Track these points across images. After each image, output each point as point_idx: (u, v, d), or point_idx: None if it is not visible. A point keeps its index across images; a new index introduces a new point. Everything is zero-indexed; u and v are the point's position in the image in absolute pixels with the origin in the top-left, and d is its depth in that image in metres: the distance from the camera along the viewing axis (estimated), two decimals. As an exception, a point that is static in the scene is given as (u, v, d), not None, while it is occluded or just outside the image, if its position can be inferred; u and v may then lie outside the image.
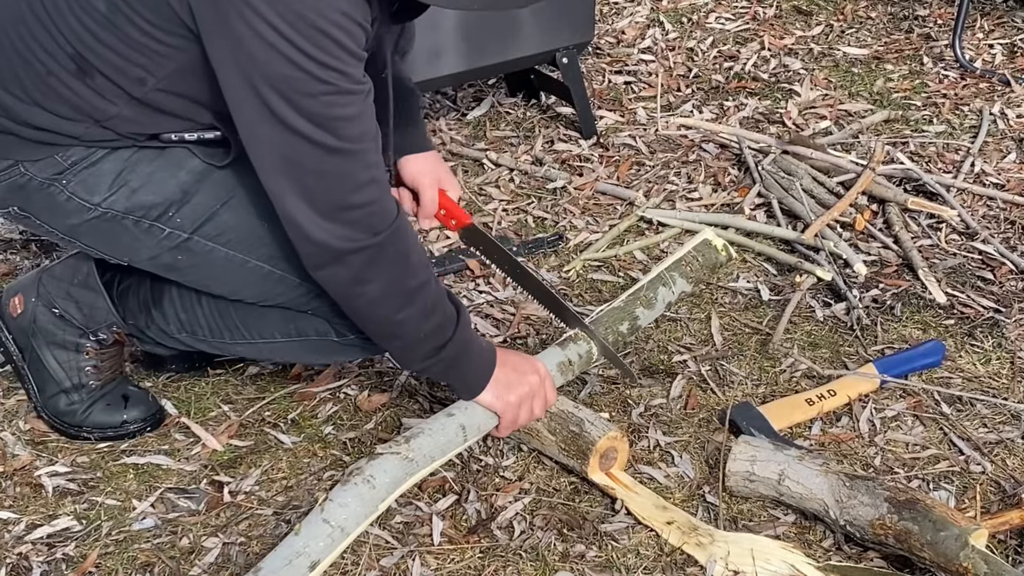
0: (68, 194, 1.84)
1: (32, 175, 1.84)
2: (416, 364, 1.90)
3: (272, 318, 2.00)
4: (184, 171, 1.86)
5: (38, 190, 1.85)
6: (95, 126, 1.80)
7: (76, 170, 1.83)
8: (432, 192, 2.06)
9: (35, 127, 1.80)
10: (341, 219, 1.71)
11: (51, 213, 1.88)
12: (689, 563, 1.85)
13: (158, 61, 1.71)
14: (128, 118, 1.79)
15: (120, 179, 1.84)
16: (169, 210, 1.86)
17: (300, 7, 1.56)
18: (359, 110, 1.68)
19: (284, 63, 1.58)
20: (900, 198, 2.79)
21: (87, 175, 1.83)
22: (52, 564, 1.88)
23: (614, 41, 3.83)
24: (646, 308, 2.21)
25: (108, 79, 1.74)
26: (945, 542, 1.73)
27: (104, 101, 1.77)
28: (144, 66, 1.72)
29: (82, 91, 1.76)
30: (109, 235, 1.89)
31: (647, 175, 3.06)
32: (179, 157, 1.86)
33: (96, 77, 1.74)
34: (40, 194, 1.85)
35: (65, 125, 1.79)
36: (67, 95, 1.76)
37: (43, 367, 2.13)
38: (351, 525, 1.75)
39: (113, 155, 1.84)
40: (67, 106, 1.78)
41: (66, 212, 1.87)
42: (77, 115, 1.78)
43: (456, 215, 2.08)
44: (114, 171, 1.84)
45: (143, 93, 1.76)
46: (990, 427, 2.15)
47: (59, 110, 1.78)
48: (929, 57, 3.67)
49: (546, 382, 1.97)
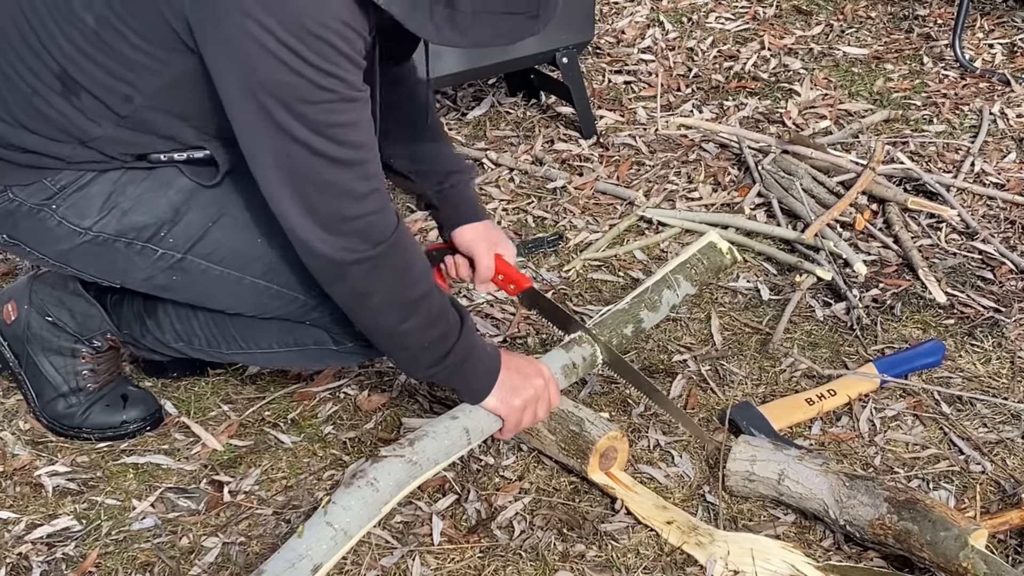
0: (58, 219, 1.83)
1: (21, 200, 1.82)
2: (421, 372, 1.90)
3: (269, 329, 2.00)
4: (173, 190, 1.85)
5: (27, 216, 1.83)
6: (81, 147, 1.78)
7: (65, 194, 1.82)
8: (488, 259, 2.07)
9: (22, 150, 1.78)
10: (341, 230, 1.70)
11: (40, 239, 1.86)
12: (689, 563, 1.85)
13: (147, 78, 1.70)
14: (113, 138, 1.78)
15: (110, 201, 1.83)
16: (161, 230, 1.85)
17: (300, 15, 1.55)
18: (359, 117, 1.67)
19: (284, 71, 1.57)
20: (900, 198, 2.79)
21: (77, 199, 1.82)
22: (52, 564, 1.88)
23: (614, 41, 3.83)
24: (650, 311, 2.21)
25: (94, 97, 1.73)
26: (945, 542, 1.73)
27: (89, 122, 1.75)
28: (132, 83, 1.71)
29: (67, 110, 1.74)
30: (101, 259, 1.88)
31: (647, 175, 3.06)
32: (168, 176, 1.85)
33: (82, 96, 1.73)
34: (29, 220, 1.84)
35: (52, 147, 1.78)
36: (52, 115, 1.75)
37: (40, 373, 2.13)
38: (354, 528, 1.75)
39: (102, 177, 1.82)
40: (52, 127, 1.76)
41: (56, 237, 1.85)
42: (63, 136, 1.77)
43: (514, 279, 2.10)
44: (104, 194, 1.82)
45: (129, 111, 1.74)
46: (990, 427, 2.15)
47: (45, 131, 1.77)
48: (929, 57, 3.67)
49: (550, 385, 1.97)
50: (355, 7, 1.60)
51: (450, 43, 1.65)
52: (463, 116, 3.37)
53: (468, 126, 3.33)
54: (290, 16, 1.55)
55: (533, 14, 1.63)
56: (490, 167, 3.10)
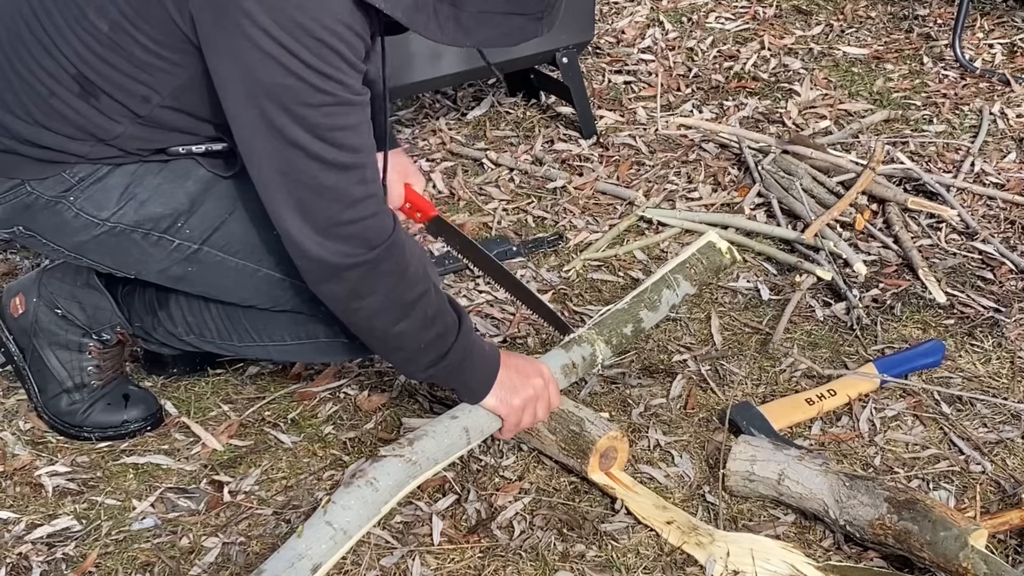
0: (76, 211, 1.84)
1: (39, 194, 1.83)
2: (419, 373, 1.90)
3: (282, 321, 2.00)
4: (191, 181, 1.86)
5: (44, 208, 1.84)
6: (100, 144, 1.79)
7: (83, 186, 1.82)
8: (398, 187, 2.09)
9: (40, 147, 1.79)
10: (336, 234, 1.70)
11: (58, 231, 1.87)
12: (689, 563, 1.85)
13: (162, 79, 1.71)
14: (133, 135, 1.79)
15: (128, 192, 1.84)
16: (178, 221, 1.86)
17: (300, 17, 1.55)
18: (357, 120, 1.67)
19: (283, 73, 1.57)
20: (900, 198, 2.79)
21: (94, 191, 1.83)
22: (52, 564, 1.88)
23: (614, 41, 3.83)
24: (650, 310, 2.21)
25: (113, 99, 1.74)
26: (945, 542, 1.73)
27: (109, 120, 1.76)
28: (149, 84, 1.72)
29: (86, 111, 1.75)
30: (117, 250, 1.89)
31: (647, 175, 3.06)
32: (185, 168, 1.86)
33: (101, 97, 1.73)
34: (47, 212, 1.84)
35: (70, 145, 1.79)
36: (71, 116, 1.76)
37: (45, 367, 2.13)
38: (354, 528, 1.75)
39: (119, 170, 1.83)
40: (72, 126, 1.77)
41: (73, 229, 1.86)
42: (82, 134, 1.78)
43: (421, 207, 2.13)
44: (121, 185, 1.83)
45: (148, 111, 1.75)
46: (990, 427, 2.15)
47: (64, 130, 1.77)
48: (929, 57, 3.67)
49: (550, 385, 1.97)
50: (356, 9, 1.60)
51: (455, 42, 1.65)
52: (463, 116, 3.37)
53: (468, 126, 3.33)
54: (289, 18, 1.55)
55: (538, 16, 1.64)
56: (490, 167, 3.10)
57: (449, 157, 3.15)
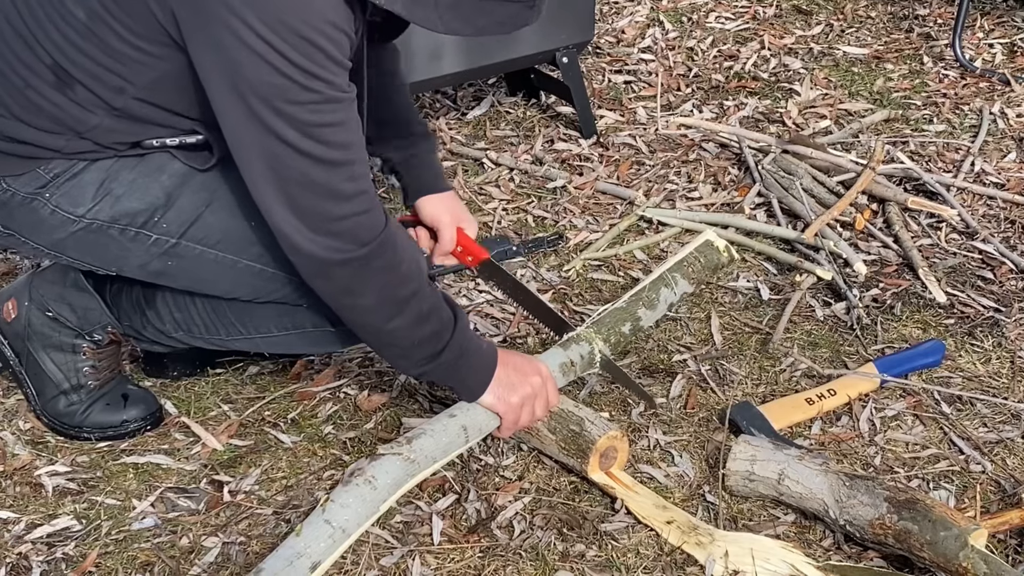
0: (52, 207, 1.83)
1: (15, 190, 1.83)
2: (413, 370, 1.90)
3: (267, 313, 2.00)
4: (166, 175, 1.86)
5: (21, 205, 1.84)
6: (76, 138, 1.79)
7: (59, 183, 1.82)
8: (451, 231, 2.11)
9: (16, 141, 1.79)
10: (327, 230, 1.70)
11: (35, 229, 1.87)
12: (689, 563, 1.85)
13: (137, 70, 1.71)
14: (108, 128, 1.78)
15: (103, 188, 1.83)
16: (154, 215, 1.85)
17: (285, 15, 1.55)
18: (345, 117, 1.67)
19: (270, 71, 1.57)
20: (900, 197, 2.79)
21: (70, 187, 1.83)
22: (52, 564, 1.88)
23: (614, 40, 3.83)
24: (648, 309, 2.21)
25: (87, 89, 1.73)
26: (945, 542, 1.73)
27: (84, 112, 1.76)
28: (123, 75, 1.72)
29: (62, 103, 1.75)
30: (96, 246, 1.88)
31: (647, 174, 3.06)
32: (160, 162, 1.85)
33: (76, 88, 1.73)
34: (23, 209, 1.84)
35: (46, 139, 1.78)
36: (47, 107, 1.76)
37: (41, 370, 2.13)
38: (352, 526, 1.75)
39: (94, 165, 1.83)
40: (47, 119, 1.77)
41: (51, 226, 1.86)
42: (58, 127, 1.77)
43: (473, 251, 2.16)
44: (96, 181, 1.83)
45: (123, 102, 1.75)
46: (990, 427, 2.15)
47: (39, 123, 1.77)
48: (929, 56, 3.67)
49: (548, 383, 1.97)
50: (342, 6, 1.60)
51: (455, 32, 1.65)
52: (463, 116, 3.37)
53: (468, 126, 3.33)
54: (275, 16, 1.55)
55: (530, 4, 1.64)
56: (490, 167, 3.10)
57: (449, 157, 3.15)
